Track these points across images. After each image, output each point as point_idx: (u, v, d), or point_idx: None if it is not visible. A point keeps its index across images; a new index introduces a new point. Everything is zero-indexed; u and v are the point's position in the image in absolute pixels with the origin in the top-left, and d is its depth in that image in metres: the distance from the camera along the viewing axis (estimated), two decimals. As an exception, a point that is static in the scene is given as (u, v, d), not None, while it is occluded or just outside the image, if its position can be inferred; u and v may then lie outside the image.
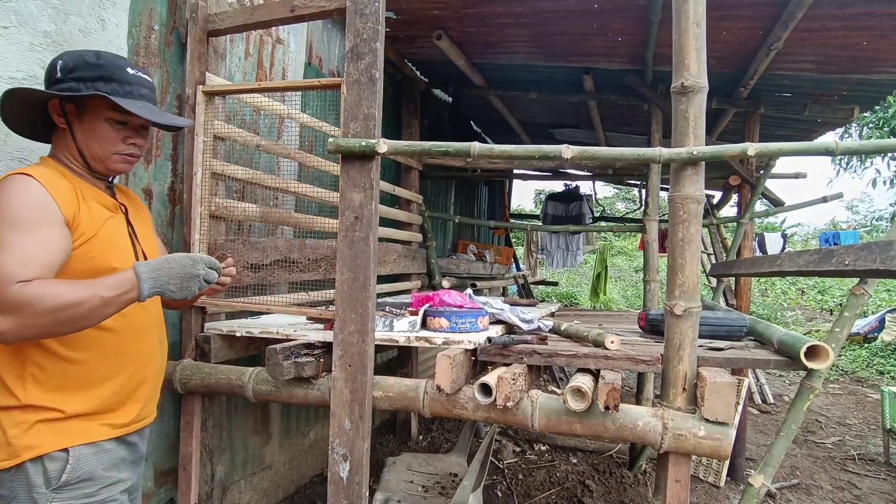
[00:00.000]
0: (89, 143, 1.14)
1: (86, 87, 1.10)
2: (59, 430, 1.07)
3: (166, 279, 1.09)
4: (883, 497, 3.21)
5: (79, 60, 1.11)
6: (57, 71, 1.11)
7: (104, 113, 1.13)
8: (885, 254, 1.34)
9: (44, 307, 0.94)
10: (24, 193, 1.02)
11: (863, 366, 6.85)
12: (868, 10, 2.40)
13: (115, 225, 1.21)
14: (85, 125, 1.13)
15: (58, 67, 1.11)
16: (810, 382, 1.53)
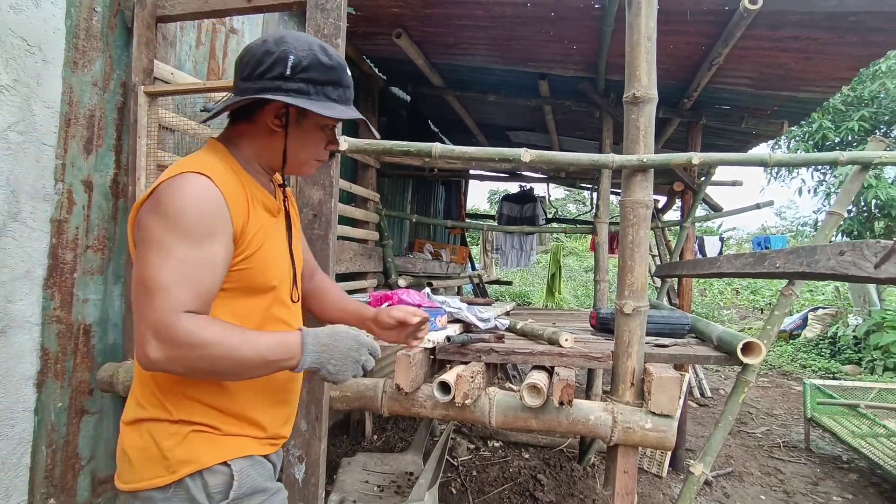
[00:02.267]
0: (298, 148, 1.01)
1: (315, 91, 0.95)
2: (216, 442, 0.95)
3: (328, 357, 0.95)
4: (803, 480, 3.49)
5: (312, 59, 0.94)
6: (286, 67, 0.93)
7: (324, 121, 1.01)
8: (810, 258, 1.46)
9: (206, 353, 0.82)
10: (202, 199, 0.87)
11: (788, 360, 7.39)
12: (795, 34, 2.59)
13: (276, 233, 1.06)
14: (299, 130, 1.00)
15: (289, 63, 0.93)
16: (745, 376, 1.65)
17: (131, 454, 0.92)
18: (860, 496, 3.27)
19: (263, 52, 0.94)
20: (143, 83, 1.76)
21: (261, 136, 1.00)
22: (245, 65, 0.95)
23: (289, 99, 0.92)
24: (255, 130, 1.00)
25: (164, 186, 0.86)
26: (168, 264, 0.82)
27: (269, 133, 0.99)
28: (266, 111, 0.97)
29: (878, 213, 7.50)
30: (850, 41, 2.61)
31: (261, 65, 0.93)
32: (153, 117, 1.78)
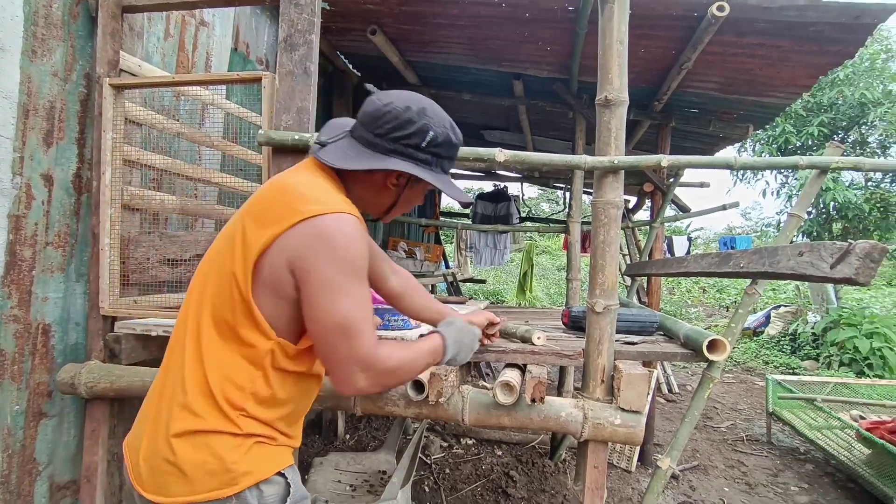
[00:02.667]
0: (402, 205, 1.13)
1: (436, 163, 1.05)
2: (271, 453, 0.98)
3: (458, 351, 1.12)
4: (765, 472, 3.63)
5: (445, 137, 1.04)
6: (425, 140, 1.02)
7: (428, 186, 1.11)
8: (772, 258, 1.51)
9: (400, 373, 0.98)
10: (360, 240, 0.93)
11: (752, 357, 7.65)
12: (760, 41, 2.68)
13: None
14: (410, 192, 1.11)
15: (427, 137, 1.02)
16: (710, 373, 1.70)
17: (185, 467, 0.90)
18: (815, 485, 3.42)
19: (406, 120, 1.00)
20: (108, 75, 1.70)
21: (373, 187, 1.07)
22: (384, 122, 1.00)
23: (417, 171, 1.02)
24: (370, 181, 1.06)
25: (331, 227, 0.90)
26: (355, 305, 0.91)
27: (382, 188, 1.07)
28: (389, 176, 1.05)
29: (835, 215, 7.84)
30: (810, 50, 2.72)
31: (401, 129, 1.00)
32: (119, 110, 1.73)
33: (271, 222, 0.90)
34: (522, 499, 2.96)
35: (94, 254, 1.74)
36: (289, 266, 0.90)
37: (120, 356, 1.75)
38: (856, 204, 7.30)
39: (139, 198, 1.82)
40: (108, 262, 1.72)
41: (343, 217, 0.91)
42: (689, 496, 3.19)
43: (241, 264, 0.91)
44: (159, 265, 1.90)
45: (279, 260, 0.90)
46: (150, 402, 0.99)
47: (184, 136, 2.05)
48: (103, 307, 1.72)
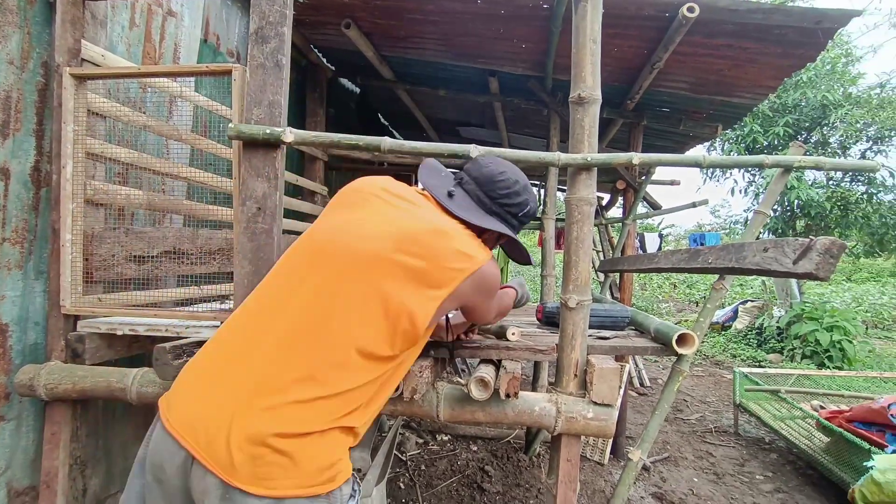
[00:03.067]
0: None
1: (518, 228, 1.36)
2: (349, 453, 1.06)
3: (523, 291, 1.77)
4: (732, 462, 3.74)
5: (534, 211, 1.36)
6: (522, 211, 1.32)
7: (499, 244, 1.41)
8: (739, 254, 1.56)
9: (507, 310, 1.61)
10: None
11: (720, 350, 7.88)
12: (728, 42, 2.75)
13: None
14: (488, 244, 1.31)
15: (525, 210, 1.32)
16: (680, 366, 1.74)
17: (301, 460, 0.93)
18: (778, 473, 3.55)
19: (515, 192, 1.28)
20: (68, 64, 1.63)
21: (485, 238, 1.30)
22: (499, 188, 1.27)
23: (510, 233, 1.31)
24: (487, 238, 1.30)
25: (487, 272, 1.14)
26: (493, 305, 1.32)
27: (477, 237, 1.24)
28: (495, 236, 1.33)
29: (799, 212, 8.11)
30: (775, 52, 2.80)
31: (509, 198, 1.28)
32: (81, 101, 1.66)
33: (447, 278, 1.07)
34: (497, 493, 2.99)
35: (55, 250, 1.67)
36: (460, 305, 1.20)
37: (83, 356, 1.68)
38: (818, 202, 7.58)
39: (103, 192, 1.76)
40: (69, 259, 1.66)
41: (494, 262, 1.18)
42: (660, 487, 3.27)
43: (422, 305, 1.04)
44: (125, 262, 1.84)
45: (453, 303, 1.14)
46: (237, 385, 0.95)
47: (151, 129, 1.98)
48: (65, 305, 1.66)
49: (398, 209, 1.12)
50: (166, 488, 0.97)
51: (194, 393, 0.99)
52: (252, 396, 0.93)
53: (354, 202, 1.15)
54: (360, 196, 1.16)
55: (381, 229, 1.06)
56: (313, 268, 1.05)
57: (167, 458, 0.95)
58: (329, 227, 1.11)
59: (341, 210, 1.15)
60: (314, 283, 1.03)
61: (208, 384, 0.98)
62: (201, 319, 1.72)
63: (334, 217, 1.14)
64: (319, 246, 1.08)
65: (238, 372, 0.97)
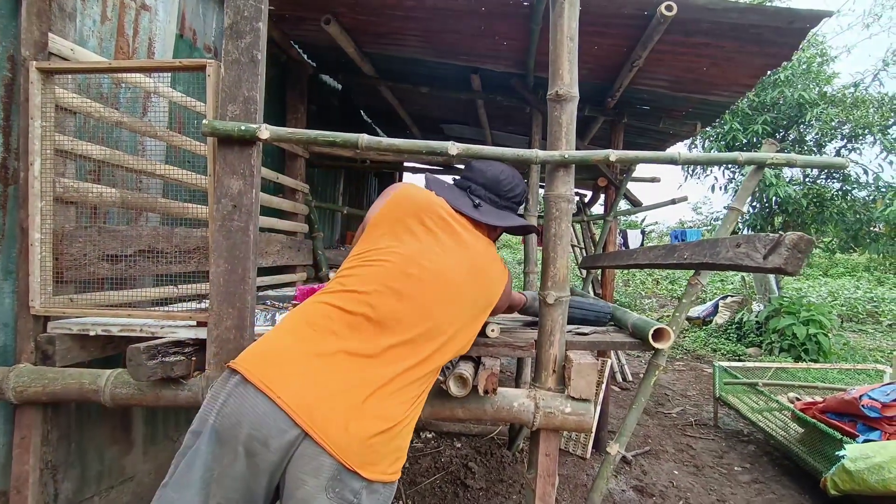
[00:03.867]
0: None
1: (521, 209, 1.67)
2: None
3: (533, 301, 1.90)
4: (711, 454, 3.81)
5: (527, 193, 1.61)
6: (522, 197, 1.63)
7: None
8: (713, 250, 1.58)
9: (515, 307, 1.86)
10: None
11: (701, 345, 8.01)
12: (706, 41, 2.79)
13: None
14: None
15: (525, 196, 1.67)
16: (656, 360, 1.76)
17: (388, 451, 1.09)
18: (756, 464, 3.63)
19: (516, 184, 1.59)
20: (34, 58, 1.59)
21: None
22: (505, 187, 1.57)
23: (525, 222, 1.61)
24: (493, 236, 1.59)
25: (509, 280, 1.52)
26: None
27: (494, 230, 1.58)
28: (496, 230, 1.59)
29: (777, 209, 8.27)
30: (751, 51, 2.84)
31: (514, 191, 1.58)
32: (49, 96, 1.62)
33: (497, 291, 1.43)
34: (481, 489, 3.00)
35: (23, 249, 1.63)
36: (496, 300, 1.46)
37: (54, 358, 1.65)
38: (795, 199, 7.73)
39: (74, 190, 1.72)
40: (38, 259, 1.62)
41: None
42: (641, 480, 3.32)
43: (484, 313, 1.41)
44: (98, 261, 1.80)
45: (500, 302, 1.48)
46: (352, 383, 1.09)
47: (124, 125, 1.94)
48: (34, 306, 1.62)
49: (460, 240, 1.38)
50: (260, 461, 1.01)
51: (309, 377, 1.07)
52: (366, 398, 1.08)
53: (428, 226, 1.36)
54: (431, 220, 1.37)
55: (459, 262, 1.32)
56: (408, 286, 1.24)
57: (275, 434, 1.00)
58: (416, 253, 1.30)
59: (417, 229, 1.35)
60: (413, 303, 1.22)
61: (323, 372, 1.08)
62: (177, 319, 1.70)
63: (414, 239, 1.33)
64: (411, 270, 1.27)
65: (353, 369, 1.11)
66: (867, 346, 8.04)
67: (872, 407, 2.89)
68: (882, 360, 6.89)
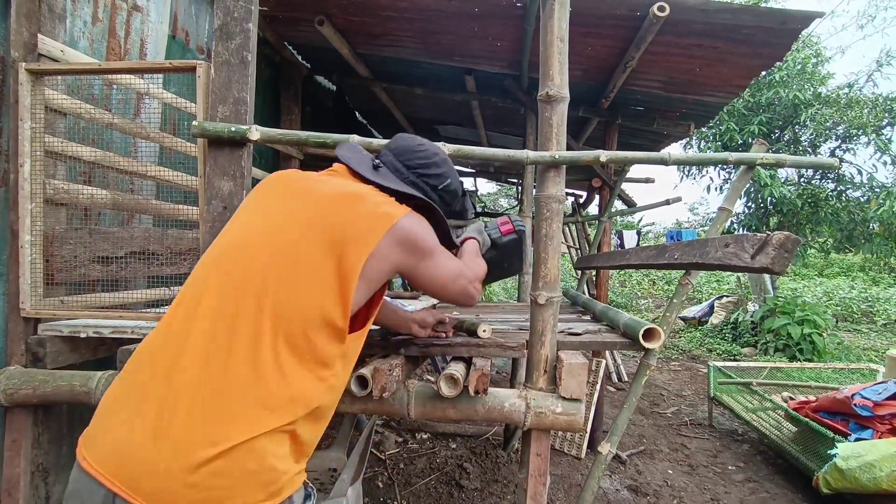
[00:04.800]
0: None
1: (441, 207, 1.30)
2: (302, 462, 0.99)
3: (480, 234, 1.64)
4: (706, 453, 3.82)
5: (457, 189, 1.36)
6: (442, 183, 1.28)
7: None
8: (702, 250, 1.59)
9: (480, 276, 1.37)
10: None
11: (697, 345, 8.03)
12: (699, 42, 2.80)
13: None
14: None
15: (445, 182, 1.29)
16: (647, 360, 1.77)
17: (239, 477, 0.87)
18: (750, 463, 3.64)
19: (434, 163, 1.27)
20: (24, 59, 1.59)
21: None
22: (416, 157, 1.25)
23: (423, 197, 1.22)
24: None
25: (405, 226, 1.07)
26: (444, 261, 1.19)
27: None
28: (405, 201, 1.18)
29: (772, 209, 8.31)
30: (744, 52, 2.86)
31: (427, 168, 1.25)
32: (38, 98, 1.62)
33: (366, 234, 1.01)
34: (476, 490, 3.00)
35: (14, 252, 1.63)
36: (395, 269, 1.09)
37: (45, 360, 1.64)
38: (790, 199, 7.76)
39: (64, 192, 1.71)
40: (29, 261, 1.61)
41: (412, 214, 1.10)
42: (636, 479, 3.32)
43: (340, 280, 0.98)
44: (90, 263, 1.80)
45: (383, 266, 1.04)
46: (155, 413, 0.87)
47: (116, 127, 1.94)
48: (24, 308, 1.62)
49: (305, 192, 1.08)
50: None
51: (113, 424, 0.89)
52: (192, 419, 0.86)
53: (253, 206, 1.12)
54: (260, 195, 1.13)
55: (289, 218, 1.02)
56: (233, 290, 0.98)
57: (86, 499, 0.86)
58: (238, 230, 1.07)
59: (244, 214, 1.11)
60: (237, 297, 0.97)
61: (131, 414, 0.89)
62: (168, 320, 1.69)
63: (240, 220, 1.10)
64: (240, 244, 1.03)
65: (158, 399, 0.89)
66: (862, 345, 8.08)
67: (864, 406, 2.91)
68: (876, 359, 6.92)
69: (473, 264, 1.37)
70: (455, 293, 1.24)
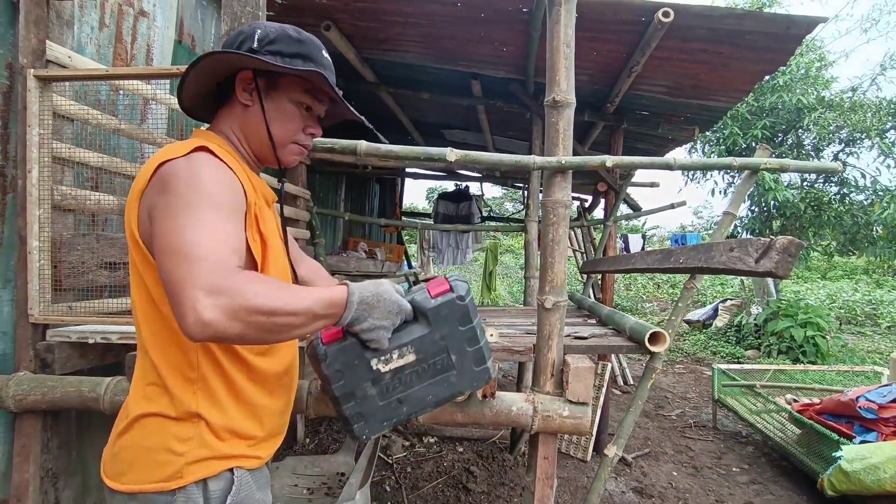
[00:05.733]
0: (277, 124, 0.98)
1: (283, 62, 0.93)
2: (225, 448, 0.91)
3: (367, 316, 0.88)
4: (710, 455, 3.81)
5: (280, 32, 0.96)
6: (254, 40, 0.94)
7: (295, 95, 0.99)
8: (707, 254, 1.59)
9: (258, 304, 0.75)
10: (220, 175, 0.85)
11: (701, 348, 8.01)
12: (703, 47, 2.81)
13: (274, 224, 1.05)
14: (272, 103, 0.98)
15: (256, 36, 0.94)
16: (653, 363, 1.77)
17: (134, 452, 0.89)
18: (754, 465, 3.63)
19: (237, 34, 0.97)
20: (32, 66, 1.60)
21: (238, 115, 0.99)
22: (227, 45, 0.97)
23: (250, 61, 0.91)
24: (231, 111, 0.99)
25: (170, 166, 0.83)
26: (204, 229, 0.77)
27: (243, 109, 0.98)
28: (238, 86, 0.96)
29: (775, 212, 8.29)
30: (747, 57, 2.86)
31: (231, 45, 0.96)
32: (46, 104, 1.63)
33: (134, 191, 0.87)
34: (483, 493, 3.00)
35: (22, 258, 1.64)
36: (149, 213, 0.84)
37: (53, 366, 1.65)
38: (793, 203, 7.75)
39: (72, 197, 1.73)
40: (37, 267, 1.62)
41: (200, 154, 0.86)
42: (641, 481, 3.31)
43: (131, 236, 0.88)
44: (97, 269, 1.81)
45: (144, 214, 0.86)
46: None
47: (123, 132, 1.95)
48: (33, 314, 1.62)
49: None
50: None
51: None
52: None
53: None
54: None
55: None
56: None
57: None
58: None
59: None
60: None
61: None
62: (176, 325, 1.70)
63: None
64: None
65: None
66: (865, 348, 8.04)
67: (869, 408, 2.90)
68: (880, 362, 6.89)
69: (271, 285, 0.79)
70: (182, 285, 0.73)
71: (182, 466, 0.87)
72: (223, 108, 1.00)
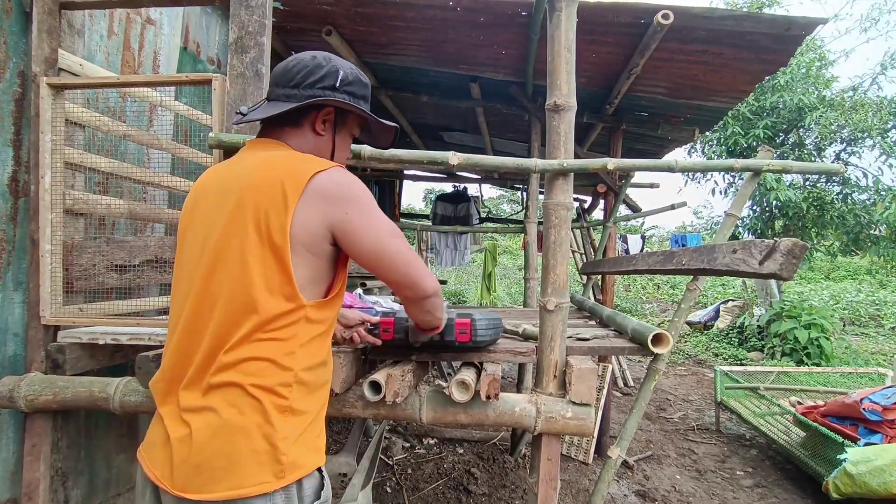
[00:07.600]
0: (339, 152, 1.17)
1: (355, 102, 1.12)
2: (317, 445, 0.98)
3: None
4: (713, 458, 3.81)
5: (356, 76, 1.13)
6: (337, 79, 1.09)
7: (355, 130, 1.20)
8: (710, 255, 1.61)
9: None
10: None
11: (703, 350, 8.00)
12: (703, 48, 2.83)
13: None
14: (340, 135, 1.16)
15: (339, 77, 1.09)
16: (656, 365, 1.78)
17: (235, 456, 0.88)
18: (758, 468, 3.63)
19: (316, 66, 1.08)
20: (45, 74, 1.63)
21: (310, 140, 1.11)
22: (295, 73, 1.07)
23: (340, 103, 1.09)
24: (303, 134, 1.11)
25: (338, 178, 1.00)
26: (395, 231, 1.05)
27: (315, 136, 1.12)
28: (315, 116, 1.10)
29: (778, 213, 8.29)
30: (747, 58, 2.89)
31: (313, 74, 1.07)
32: (58, 111, 1.66)
33: (285, 195, 0.93)
34: (483, 495, 3.01)
35: (34, 261, 1.67)
36: (329, 225, 0.97)
37: (64, 367, 1.68)
38: (795, 203, 7.75)
39: (83, 202, 1.76)
40: (49, 270, 1.65)
41: (344, 170, 1.03)
42: (644, 485, 3.32)
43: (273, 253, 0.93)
44: (107, 271, 1.84)
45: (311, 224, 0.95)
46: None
47: (131, 138, 1.98)
48: (44, 316, 1.65)
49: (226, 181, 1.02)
50: None
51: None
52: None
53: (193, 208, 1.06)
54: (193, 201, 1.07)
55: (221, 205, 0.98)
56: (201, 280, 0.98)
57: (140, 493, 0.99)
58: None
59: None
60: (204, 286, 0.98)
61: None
62: (184, 327, 1.73)
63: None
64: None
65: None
66: (869, 349, 8.03)
67: (873, 410, 2.90)
68: (884, 363, 6.88)
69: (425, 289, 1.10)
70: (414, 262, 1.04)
71: (286, 465, 0.90)
72: (291, 128, 1.10)
